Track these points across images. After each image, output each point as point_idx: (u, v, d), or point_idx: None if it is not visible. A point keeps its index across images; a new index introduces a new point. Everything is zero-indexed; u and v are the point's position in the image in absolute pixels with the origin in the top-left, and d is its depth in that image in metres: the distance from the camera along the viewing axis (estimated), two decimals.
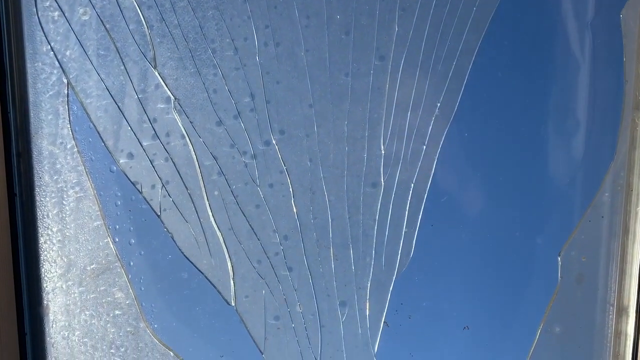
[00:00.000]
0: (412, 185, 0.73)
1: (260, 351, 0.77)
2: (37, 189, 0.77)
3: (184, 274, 0.79)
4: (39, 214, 0.77)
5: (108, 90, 0.73)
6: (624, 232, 0.76)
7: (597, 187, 0.75)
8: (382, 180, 0.73)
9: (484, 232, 0.77)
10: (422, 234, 0.76)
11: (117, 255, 0.77)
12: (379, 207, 0.73)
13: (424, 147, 0.72)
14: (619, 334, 0.78)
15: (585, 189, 0.75)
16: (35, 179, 0.76)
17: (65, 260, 0.77)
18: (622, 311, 0.78)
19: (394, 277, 0.75)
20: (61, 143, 0.75)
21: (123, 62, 0.72)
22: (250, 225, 0.74)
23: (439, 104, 0.71)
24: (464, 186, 0.75)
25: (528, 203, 0.76)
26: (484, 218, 0.76)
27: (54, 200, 0.76)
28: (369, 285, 0.75)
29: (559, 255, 0.76)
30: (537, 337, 0.78)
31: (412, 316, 0.80)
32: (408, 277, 0.78)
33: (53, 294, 0.79)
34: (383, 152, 0.72)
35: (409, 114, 0.71)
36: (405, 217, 0.74)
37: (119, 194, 0.77)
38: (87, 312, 0.78)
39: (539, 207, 0.76)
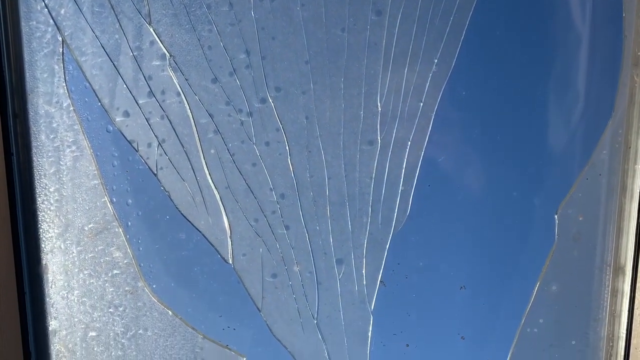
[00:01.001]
0: (409, 143, 0.73)
1: (258, 309, 0.77)
2: (34, 150, 0.77)
3: (181, 234, 0.79)
4: (36, 174, 0.77)
5: (103, 47, 0.72)
6: (621, 190, 0.76)
7: (594, 144, 0.74)
8: (379, 137, 0.72)
9: (481, 191, 0.77)
10: (419, 194, 0.76)
11: (114, 215, 0.77)
12: (375, 165, 0.73)
13: (421, 104, 0.72)
14: (615, 292, 0.78)
15: (583, 146, 0.74)
16: (32, 139, 0.76)
17: (63, 219, 0.78)
18: (618, 269, 0.78)
19: (391, 235, 0.75)
20: (57, 102, 0.75)
21: (118, 19, 0.71)
22: (247, 183, 0.74)
23: (436, 60, 0.71)
24: (462, 144, 0.75)
25: (525, 161, 0.76)
26: (481, 177, 0.76)
27: (50, 159, 0.76)
28: (365, 243, 0.75)
29: (556, 214, 0.76)
30: (534, 295, 0.78)
31: (408, 276, 0.80)
32: (405, 237, 0.78)
33: (51, 253, 0.79)
34: (380, 109, 0.72)
35: (405, 70, 0.71)
36: (402, 175, 0.74)
37: (116, 155, 0.77)
38: (85, 272, 0.79)
39: (536, 166, 0.75)
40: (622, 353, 0.79)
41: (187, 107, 0.72)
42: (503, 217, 0.77)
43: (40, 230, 0.78)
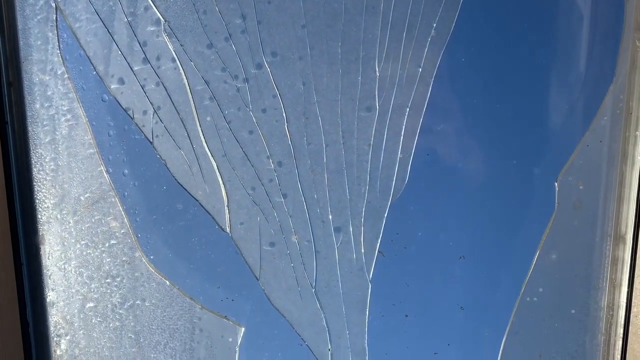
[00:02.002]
0: (408, 109, 0.72)
1: (256, 278, 0.77)
2: (29, 119, 0.76)
3: (179, 205, 0.79)
4: (32, 143, 0.76)
5: (97, 13, 0.71)
6: (622, 157, 0.75)
7: (595, 111, 0.73)
8: (377, 104, 0.71)
9: (480, 159, 0.76)
10: (418, 163, 0.76)
11: (111, 185, 0.77)
12: (373, 132, 0.72)
13: (420, 69, 0.71)
14: (615, 260, 0.78)
15: (584, 113, 0.73)
16: (27, 108, 0.76)
17: (59, 189, 0.77)
18: (619, 238, 0.77)
19: (389, 203, 0.75)
20: (51, 69, 0.74)
21: None
22: (243, 151, 0.73)
23: (435, 25, 0.70)
24: (461, 111, 0.74)
25: (525, 128, 0.75)
26: (481, 145, 0.75)
27: (46, 128, 0.76)
28: (363, 211, 0.75)
29: (556, 181, 0.75)
30: (534, 264, 0.77)
31: (407, 246, 0.79)
32: (403, 207, 0.78)
33: (48, 224, 0.79)
34: (378, 74, 0.71)
35: (404, 35, 0.70)
36: (400, 143, 0.73)
37: (112, 124, 0.77)
38: (82, 242, 0.79)
39: (536, 133, 0.75)
40: (622, 322, 0.79)
41: (183, 74, 0.71)
42: (503, 185, 0.77)
43: (37, 201, 0.78)
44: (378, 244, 0.76)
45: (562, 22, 0.71)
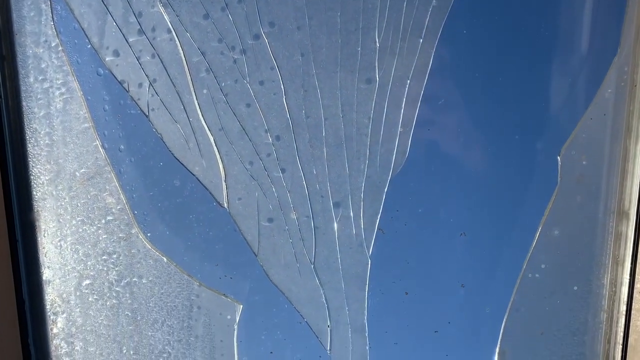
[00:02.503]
0: (408, 81, 0.71)
1: (255, 254, 0.76)
2: (23, 93, 0.75)
3: (176, 181, 0.78)
4: (26, 118, 0.75)
5: None
6: (626, 130, 0.74)
7: (599, 83, 0.72)
8: (377, 76, 0.70)
9: (482, 133, 0.74)
10: (418, 138, 0.74)
11: (107, 160, 0.75)
12: (373, 104, 0.71)
13: (421, 40, 0.69)
14: (618, 236, 0.77)
15: (587, 85, 0.72)
16: (21, 82, 0.74)
17: (54, 165, 0.76)
18: (622, 213, 0.76)
19: (389, 178, 0.73)
20: (45, 41, 0.72)
21: None
22: (241, 125, 0.72)
23: None
24: (462, 84, 0.73)
25: (528, 101, 0.73)
26: (483, 118, 0.74)
27: (40, 102, 0.74)
28: (363, 186, 0.73)
29: (559, 156, 0.74)
30: (536, 240, 0.76)
31: (407, 223, 0.78)
32: (403, 183, 0.77)
33: (43, 200, 0.77)
34: (378, 45, 0.69)
35: (404, 5, 0.68)
36: (401, 116, 0.71)
37: (107, 99, 0.75)
38: (78, 219, 0.77)
39: (538, 106, 0.73)
40: (625, 299, 0.78)
41: (179, 45, 0.70)
42: (504, 160, 0.75)
43: (31, 177, 0.77)
44: (378, 220, 0.75)
45: None
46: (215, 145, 0.73)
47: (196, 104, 0.72)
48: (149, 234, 0.78)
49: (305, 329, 0.81)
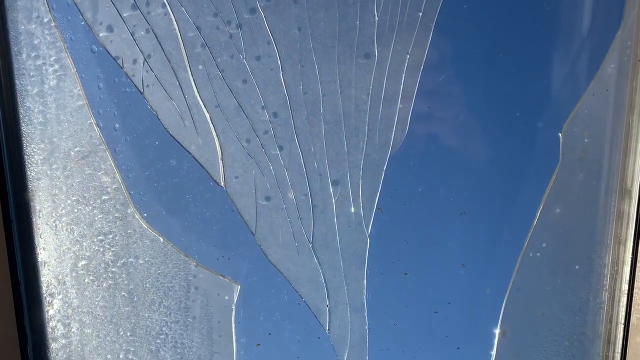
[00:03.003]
0: (408, 56, 0.69)
1: (252, 233, 0.75)
2: (15, 71, 0.74)
3: (172, 161, 0.77)
4: (19, 95, 0.74)
5: None
6: (629, 107, 0.72)
7: (602, 58, 0.71)
8: (376, 50, 0.69)
9: (482, 110, 0.73)
10: (418, 115, 0.73)
11: (101, 138, 0.74)
12: (372, 80, 0.70)
13: (420, 14, 0.68)
14: (621, 215, 0.76)
15: (590, 60, 0.71)
16: (13, 59, 0.73)
17: (48, 143, 0.75)
18: (624, 192, 0.75)
19: (388, 156, 0.72)
20: (37, 17, 0.71)
21: None
22: (237, 101, 0.71)
23: None
24: (462, 61, 0.71)
25: (529, 78, 0.72)
26: (483, 94, 0.73)
27: (33, 79, 0.73)
28: (362, 164, 0.72)
29: (561, 132, 0.72)
30: (537, 219, 0.75)
31: (406, 202, 0.77)
32: (403, 162, 0.75)
33: (37, 180, 0.76)
34: (377, 19, 0.68)
35: None
36: (400, 92, 0.70)
37: (101, 77, 0.74)
38: (73, 198, 0.76)
39: (540, 82, 0.72)
40: (627, 278, 0.77)
41: (173, 20, 0.69)
42: (505, 137, 0.74)
43: (25, 156, 0.76)
44: (377, 198, 0.74)
45: None
46: (212, 122, 0.72)
47: (192, 80, 0.70)
48: (145, 215, 0.77)
49: (304, 310, 0.80)
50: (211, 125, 0.72)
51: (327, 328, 0.78)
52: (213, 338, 0.79)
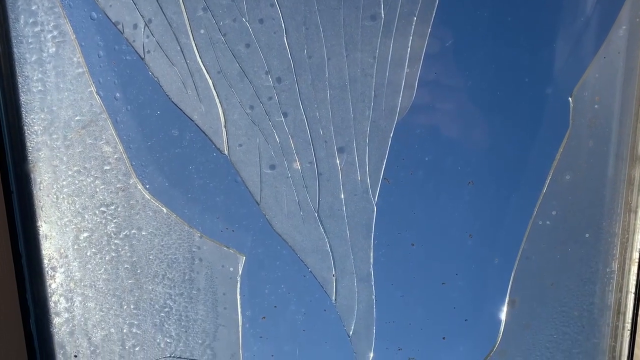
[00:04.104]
0: (415, 18, 0.67)
1: (257, 202, 0.74)
2: (13, 39, 0.72)
3: (174, 131, 0.75)
4: (17, 63, 0.72)
5: None
6: None
7: (613, 20, 0.69)
8: (382, 12, 0.67)
9: (491, 73, 0.72)
10: (425, 79, 0.71)
11: (102, 107, 0.73)
12: (378, 43, 0.68)
13: None
14: (631, 182, 0.74)
15: (601, 22, 0.69)
16: (11, 26, 0.71)
17: (48, 113, 0.73)
18: (635, 158, 0.73)
19: (395, 122, 0.71)
20: None
21: None
22: (240, 66, 0.69)
23: None
24: (471, 22, 0.69)
25: (539, 40, 0.70)
26: (492, 58, 0.71)
27: (31, 46, 0.71)
28: (368, 130, 0.71)
29: (571, 97, 0.71)
30: (546, 187, 0.74)
31: (413, 172, 0.76)
32: (409, 129, 0.74)
33: (37, 150, 0.75)
34: None
35: None
36: (407, 55, 0.69)
37: (101, 44, 0.72)
38: (74, 169, 0.75)
39: (549, 45, 0.70)
40: (638, 246, 0.76)
41: None
42: (514, 103, 0.73)
43: (25, 126, 0.74)
44: (383, 166, 0.72)
45: None
46: (214, 88, 0.70)
47: (193, 45, 0.69)
48: (147, 186, 0.76)
49: (310, 282, 0.79)
50: (214, 92, 0.70)
51: (334, 298, 0.77)
52: (218, 310, 0.78)
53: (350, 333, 0.78)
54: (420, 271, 0.80)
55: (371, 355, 0.78)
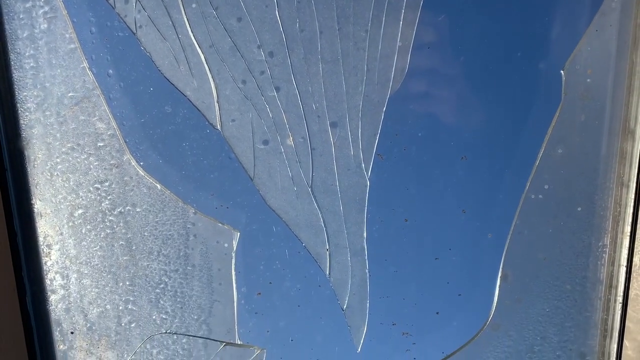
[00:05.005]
0: None
1: (250, 178, 0.74)
2: (5, 15, 0.72)
3: (167, 107, 0.75)
4: (9, 40, 0.72)
5: None
6: (633, 42, 0.71)
7: None
8: None
9: (483, 46, 0.72)
10: (418, 53, 0.71)
11: (95, 83, 0.73)
12: (370, 16, 0.68)
13: None
14: (624, 156, 0.75)
15: None
16: (2, 2, 0.71)
17: (41, 89, 0.73)
18: (627, 132, 0.74)
19: (388, 96, 0.71)
20: None
21: None
22: (232, 40, 0.69)
23: None
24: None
25: (531, 12, 0.70)
26: (484, 30, 0.71)
27: (22, 22, 0.71)
28: (361, 104, 0.71)
29: (563, 70, 0.71)
30: (538, 161, 0.74)
31: (407, 148, 0.76)
32: (402, 105, 0.74)
33: (30, 128, 0.75)
34: None
35: None
36: (400, 29, 0.69)
37: (93, 20, 0.72)
38: (67, 145, 0.75)
39: (542, 17, 0.70)
40: (630, 220, 0.76)
41: None
42: (506, 76, 0.73)
43: (17, 103, 0.74)
44: (377, 141, 0.72)
45: None
46: (206, 63, 0.70)
47: (185, 19, 0.69)
48: (141, 163, 0.76)
49: (304, 259, 0.80)
50: (206, 67, 0.70)
51: (328, 273, 0.77)
52: (213, 286, 0.79)
53: (344, 307, 0.78)
54: (414, 247, 0.80)
55: (365, 328, 0.79)
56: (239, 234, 0.77)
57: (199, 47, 0.69)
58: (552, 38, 0.70)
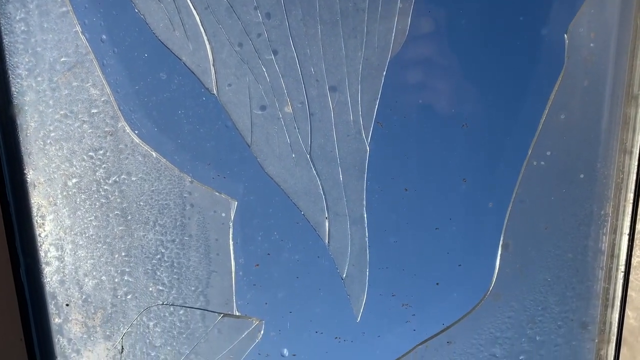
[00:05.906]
0: None
1: (248, 144, 0.72)
2: None
3: (162, 74, 0.74)
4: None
5: None
6: (637, 5, 0.69)
7: None
8: None
9: (485, 11, 0.70)
10: (419, 15, 0.70)
11: (88, 48, 0.71)
12: None
13: None
14: (627, 121, 0.73)
15: None
16: None
17: (32, 54, 0.71)
18: (631, 97, 0.73)
19: (388, 60, 0.69)
20: None
21: None
22: (228, 2, 0.67)
23: None
24: None
25: None
26: None
27: None
28: (360, 68, 0.69)
29: (566, 33, 0.70)
30: (540, 127, 0.73)
31: (406, 115, 0.75)
32: (402, 70, 0.73)
33: (22, 94, 0.73)
34: None
35: None
36: None
37: None
38: (60, 112, 0.73)
39: None
40: (633, 187, 0.75)
41: None
42: (508, 39, 0.71)
43: (8, 69, 0.72)
44: (376, 106, 0.71)
45: None
46: (202, 25, 0.68)
47: None
48: (136, 132, 0.75)
49: (303, 230, 0.78)
50: (201, 29, 0.68)
51: (327, 241, 0.76)
52: (210, 257, 0.78)
53: (344, 276, 0.77)
54: (414, 216, 0.79)
55: (364, 297, 0.78)
56: (236, 203, 0.75)
57: (194, 8, 0.68)
58: (555, 0, 0.69)
